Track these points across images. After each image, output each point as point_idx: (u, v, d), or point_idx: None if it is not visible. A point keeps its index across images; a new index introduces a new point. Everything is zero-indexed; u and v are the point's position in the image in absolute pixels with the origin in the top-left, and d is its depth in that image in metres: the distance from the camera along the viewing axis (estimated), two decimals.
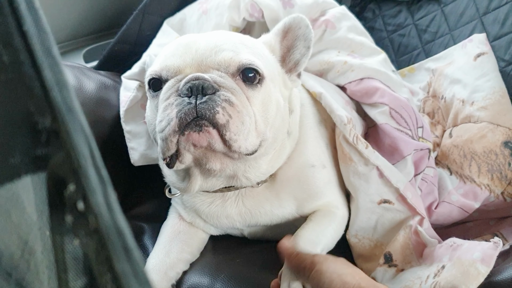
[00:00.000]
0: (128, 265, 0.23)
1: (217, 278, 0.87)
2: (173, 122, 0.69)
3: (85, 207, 0.24)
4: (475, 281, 0.76)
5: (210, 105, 0.69)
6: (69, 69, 1.06)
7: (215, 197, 0.92)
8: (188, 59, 0.74)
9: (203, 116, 0.68)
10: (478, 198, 1.03)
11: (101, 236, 0.24)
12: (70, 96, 0.25)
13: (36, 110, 0.25)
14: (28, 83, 0.25)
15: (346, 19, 1.19)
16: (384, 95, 1.04)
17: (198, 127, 0.69)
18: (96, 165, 0.25)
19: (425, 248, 0.92)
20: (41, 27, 0.27)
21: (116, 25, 1.37)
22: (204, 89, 0.69)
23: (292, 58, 0.89)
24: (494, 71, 1.16)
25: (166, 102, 0.72)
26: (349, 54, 1.15)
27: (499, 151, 1.04)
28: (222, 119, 0.69)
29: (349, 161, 0.96)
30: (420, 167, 1.02)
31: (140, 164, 1.09)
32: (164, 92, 0.74)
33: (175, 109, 0.69)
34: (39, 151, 0.26)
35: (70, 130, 0.24)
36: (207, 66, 0.74)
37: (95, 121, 1.03)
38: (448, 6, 1.42)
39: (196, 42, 0.77)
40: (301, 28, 0.86)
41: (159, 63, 0.77)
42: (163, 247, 0.95)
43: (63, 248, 0.27)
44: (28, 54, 0.25)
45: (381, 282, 0.92)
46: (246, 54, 0.76)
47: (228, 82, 0.72)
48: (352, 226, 0.98)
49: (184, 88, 0.70)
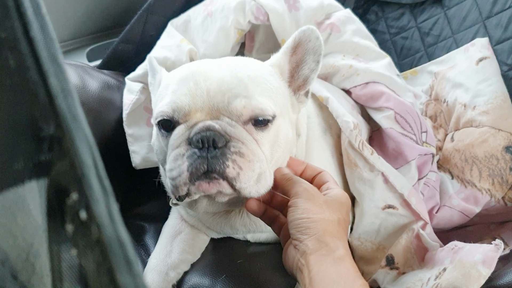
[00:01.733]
0: (130, 278, 0.23)
1: (218, 279, 0.87)
2: (184, 175, 0.69)
3: (88, 217, 0.24)
4: (476, 283, 0.77)
5: (221, 160, 0.69)
6: (73, 67, 1.06)
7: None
8: (199, 102, 0.72)
9: (213, 170, 0.69)
10: (479, 203, 1.03)
11: (103, 247, 0.23)
12: (75, 105, 0.25)
13: (41, 117, 0.25)
14: (33, 89, 0.25)
15: (351, 23, 1.19)
16: (389, 99, 1.05)
17: (208, 179, 0.69)
18: (99, 175, 0.25)
19: (426, 252, 0.93)
20: (47, 34, 0.27)
21: (120, 24, 1.36)
22: (215, 142, 0.69)
23: (301, 74, 0.85)
24: (496, 75, 1.16)
25: (177, 150, 0.71)
26: (354, 58, 1.15)
27: (500, 155, 1.05)
28: (232, 173, 0.69)
29: (354, 167, 0.96)
30: (423, 172, 1.02)
31: (142, 167, 1.10)
32: (175, 139, 0.73)
33: (186, 162, 0.69)
34: (42, 157, 0.26)
35: (74, 138, 0.24)
36: (219, 112, 0.72)
37: (98, 120, 1.03)
38: (451, 9, 1.41)
39: (207, 80, 0.73)
40: (311, 41, 0.82)
41: (169, 103, 0.74)
42: (164, 247, 0.95)
43: (59, 257, 0.27)
44: (34, 60, 0.25)
45: (382, 284, 0.92)
46: (258, 99, 0.73)
47: (239, 132, 0.72)
48: (356, 230, 0.98)
49: (195, 139, 0.69)
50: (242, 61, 0.82)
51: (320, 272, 0.63)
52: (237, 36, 1.13)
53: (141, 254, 1.01)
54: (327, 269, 0.63)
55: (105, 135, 1.06)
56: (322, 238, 0.66)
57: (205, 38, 1.12)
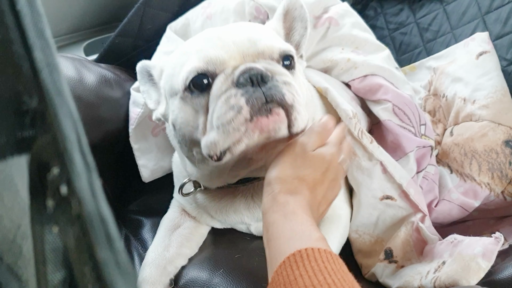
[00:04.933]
0: (110, 254, 0.23)
1: (215, 273, 0.87)
2: (244, 110, 0.67)
3: (69, 192, 0.23)
4: (475, 275, 0.77)
5: (276, 88, 0.69)
6: (69, 60, 1.06)
7: (227, 193, 0.92)
8: (230, 51, 0.73)
9: (273, 100, 0.68)
10: (478, 197, 1.03)
11: (83, 222, 0.23)
12: (60, 80, 0.24)
13: (24, 91, 0.25)
14: (17, 63, 0.25)
15: (349, 16, 1.19)
16: (387, 91, 1.04)
17: (267, 112, 0.68)
18: (82, 151, 0.24)
19: (425, 246, 0.92)
20: (35, 9, 0.27)
21: (117, 19, 1.36)
22: (263, 78, 0.69)
23: (293, 40, 0.90)
24: (496, 70, 1.16)
25: (226, 95, 0.70)
26: (353, 50, 1.14)
27: (500, 150, 1.04)
28: (290, 99, 0.69)
29: (353, 156, 0.96)
30: (422, 165, 1.02)
31: (150, 180, 1.11)
32: (219, 87, 0.71)
33: (242, 98, 0.68)
34: (25, 132, 0.25)
35: (58, 112, 0.23)
36: (251, 56, 0.73)
37: (94, 113, 1.03)
38: (450, 4, 1.41)
39: (228, 34, 0.76)
40: (296, 9, 0.87)
41: (200, 58, 0.73)
42: (162, 241, 0.94)
43: (42, 239, 0.26)
44: (19, 34, 0.25)
45: (381, 278, 0.92)
46: (280, 41, 0.77)
47: (277, 68, 0.73)
48: (353, 222, 0.98)
49: (243, 80, 0.69)
50: (247, 22, 0.88)
51: (274, 230, 0.61)
52: None
53: (138, 248, 1.01)
54: (280, 226, 0.61)
55: (101, 129, 1.05)
56: (277, 196, 0.65)
57: None
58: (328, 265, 0.52)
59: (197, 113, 0.75)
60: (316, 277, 0.50)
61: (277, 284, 0.53)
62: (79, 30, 1.45)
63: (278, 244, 0.59)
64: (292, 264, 0.53)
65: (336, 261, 0.54)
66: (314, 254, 0.54)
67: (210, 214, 0.97)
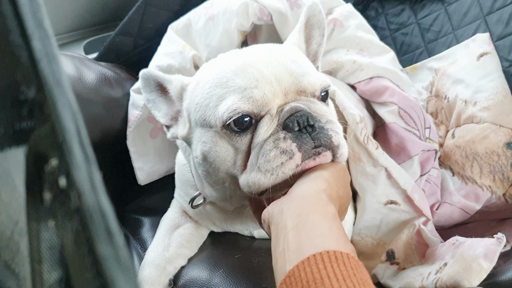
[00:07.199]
0: (111, 249, 0.22)
1: (215, 273, 0.86)
2: (297, 156, 0.67)
3: (68, 184, 0.23)
4: (477, 276, 0.76)
5: (323, 131, 0.69)
6: (69, 58, 1.05)
7: (237, 207, 0.92)
8: (272, 89, 0.71)
9: (321, 144, 0.69)
10: (480, 200, 1.02)
11: (83, 215, 0.22)
12: (59, 70, 0.24)
13: (22, 81, 0.24)
14: (15, 52, 0.24)
15: (354, 17, 1.19)
16: (393, 94, 1.04)
17: (316, 155, 0.69)
18: (81, 142, 0.23)
19: (427, 249, 0.92)
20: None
21: (117, 18, 1.35)
22: (308, 120, 0.69)
23: (311, 50, 0.88)
24: (497, 71, 1.15)
25: (273, 137, 0.69)
26: (358, 52, 1.14)
27: (501, 152, 1.03)
28: (336, 141, 0.70)
29: (358, 161, 0.96)
30: (426, 168, 1.02)
31: (147, 182, 1.10)
32: (265, 130, 0.70)
33: (293, 144, 0.68)
34: (23, 123, 0.25)
35: (56, 103, 0.23)
36: (293, 93, 0.72)
37: (93, 111, 1.02)
38: (452, 5, 1.40)
39: (268, 67, 0.72)
40: (315, 16, 0.85)
41: (243, 98, 0.70)
42: (162, 240, 0.94)
43: (38, 236, 0.25)
44: (17, 23, 0.24)
45: (382, 279, 0.91)
46: (317, 74, 0.75)
47: (320, 107, 0.73)
48: (357, 225, 0.98)
49: (290, 124, 0.68)
50: (277, 46, 0.82)
51: (310, 221, 0.56)
52: (240, 38, 1.13)
53: (137, 248, 1.00)
54: (317, 220, 0.57)
55: (101, 128, 1.04)
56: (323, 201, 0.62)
57: (208, 42, 1.11)
58: (357, 274, 0.51)
59: (236, 151, 0.73)
60: (345, 283, 0.49)
61: (298, 280, 0.51)
62: (79, 28, 1.44)
63: (312, 236, 0.55)
64: (319, 263, 0.51)
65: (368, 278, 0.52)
66: (349, 260, 0.51)
67: (214, 222, 0.96)
